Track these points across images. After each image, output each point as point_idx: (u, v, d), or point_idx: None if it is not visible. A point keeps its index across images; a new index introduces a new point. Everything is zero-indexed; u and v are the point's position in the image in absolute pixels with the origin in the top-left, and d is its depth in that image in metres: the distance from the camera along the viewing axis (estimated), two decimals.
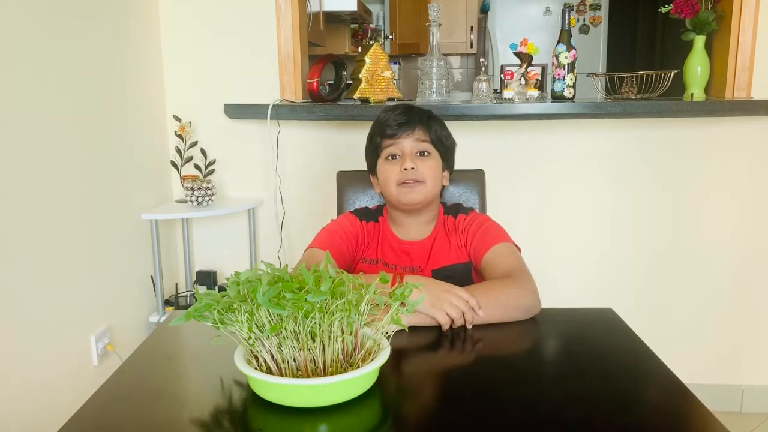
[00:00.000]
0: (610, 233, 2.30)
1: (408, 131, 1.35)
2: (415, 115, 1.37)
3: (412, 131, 1.35)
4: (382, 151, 1.38)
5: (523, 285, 1.18)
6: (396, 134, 1.35)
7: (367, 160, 1.46)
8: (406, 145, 1.35)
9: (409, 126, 1.35)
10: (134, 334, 2.10)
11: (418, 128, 1.36)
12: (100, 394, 0.88)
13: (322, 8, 3.18)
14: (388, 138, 1.36)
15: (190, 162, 2.32)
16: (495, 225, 1.38)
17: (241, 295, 0.82)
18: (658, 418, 0.82)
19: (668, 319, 2.32)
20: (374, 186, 1.47)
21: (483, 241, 1.33)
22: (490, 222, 1.39)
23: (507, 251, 1.31)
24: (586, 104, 2.08)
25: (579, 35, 4.10)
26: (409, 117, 1.36)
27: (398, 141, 1.35)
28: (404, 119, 1.35)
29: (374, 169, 1.43)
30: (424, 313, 1.07)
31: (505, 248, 1.31)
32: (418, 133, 1.36)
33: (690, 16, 2.09)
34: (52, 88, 1.67)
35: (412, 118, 1.36)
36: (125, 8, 2.06)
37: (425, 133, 1.36)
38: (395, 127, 1.35)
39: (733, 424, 1.87)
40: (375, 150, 1.40)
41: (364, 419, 0.81)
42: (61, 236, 1.71)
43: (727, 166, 2.22)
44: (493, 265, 1.29)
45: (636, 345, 1.03)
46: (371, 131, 1.42)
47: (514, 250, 1.32)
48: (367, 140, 1.44)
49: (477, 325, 1.10)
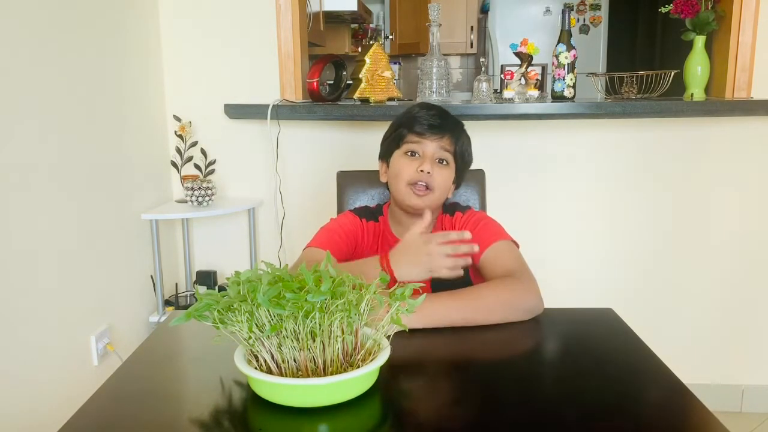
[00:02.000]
0: (610, 233, 2.30)
1: (437, 135, 1.33)
2: (449, 123, 1.36)
3: (441, 137, 1.33)
4: (404, 144, 1.36)
5: (526, 285, 1.17)
6: (424, 134, 1.33)
7: (382, 146, 1.43)
8: (430, 147, 1.33)
9: (440, 130, 1.33)
10: (134, 334, 2.10)
11: (447, 136, 1.34)
12: (100, 394, 0.88)
13: (322, 8, 3.18)
14: (415, 134, 1.34)
15: (190, 162, 2.32)
16: (493, 222, 1.37)
17: (241, 295, 0.82)
18: (658, 418, 0.82)
19: (668, 319, 2.32)
20: (381, 173, 1.44)
21: (481, 239, 1.31)
22: (488, 219, 1.38)
23: (506, 249, 1.30)
24: (586, 104, 2.08)
25: (579, 35, 4.09)
26: (443, 121, 1.34)
27: (424, 141, 1.33)
28: (437, 122, 1.33)
29: (388, 157, 1.40)
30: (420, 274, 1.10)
31: (504, 246, 1.30)
32: (446, 140, 1.34)
33: (690, 16, 2.10)
34: (52, 87, 1.67)
35: (445, 124, 1.34)
36: (125, 8, 2.06)
37: (452, 143, 1.35)
38: (426, 127, 1.33)
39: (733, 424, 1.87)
40: (397, 140, 1.38)
41: (364, 419, 0.81)
42: (61, 236, 1.71)
43: (727, 166, 2.22)
44: (493, 263, 1.27)
45: (636, 345, 1.03)
46: (398, 120, 1.40)
47: (513, 248, 1.31)
48: (390, 127, 1.41)
49: (477, 326, 1.10)
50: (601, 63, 4.12)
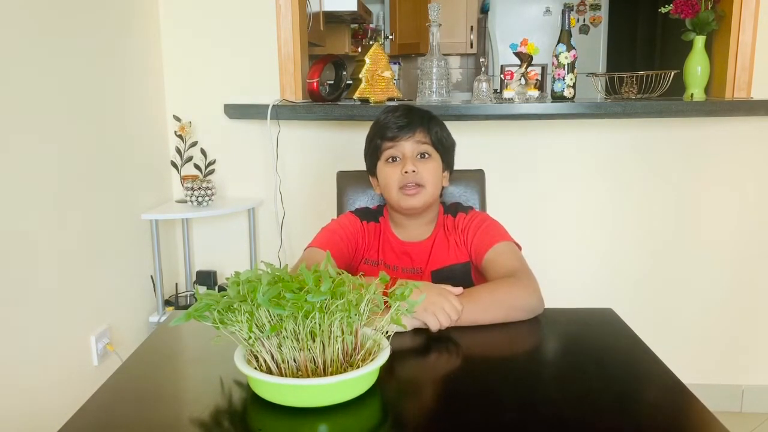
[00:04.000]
0: (610, 233, 2.30)
1: (408, 133, 1.34)
2: (415, 117, 1.36)
3: (412, 133, 1.34)
4: (383, 153, 1.37)
5: (527, 285, 1.18)
6: (396, 136, 1.34)
7: (366, 162, 1.45)
8: (406, 147, 1.34)
9: (409, 128, 1.34)
10: (134, 334, 2.10)
11: (419, 130, 1.35)
12: (100, 394, 0.88)
13: (322, 8, 3.18)
14: (388, 140, 1.35)
15: (190, 162, 2.32)
16: (495, 223, 1.38)
17: (241, 295, 0.82)
18: (658, 418, 0.82)
19: (668, 319, 2.32)
20: (374, 187, 1.46)
21: (483, 241, 1.33)
22: (491, 221, 1.39)
23: (508, 250, 1.31)
24: (586, 104, 2.08)
25: (579, 35, 4.09)
26: (410, 119, 1.35)
27: (398, 143, 1.34)
28: (405, 121, 1.35)
29: (374, 171, 1.42)
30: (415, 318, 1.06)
31: (506, 247, 1.31)
32: (419, 135, 1.35)
33: (690, 16, 2.09)
34: (52, 88, 1.67)
35: (413, 120, 1.35)
36: (126, 8, 2.06)
37: (425, 135, 1.36)
38: (396, 130, 1.34)
39: (733, 424, 1.87)
40: (375, 152, 1.39)
41: (364, 419, 0.81)
42: (61, 236, 1.71)
43: (727, 166, 2.22)
44: (495, 264, 1.28)
45: (636, 345, 1.03)
46: (371, 133, 1.41)
47: (515, 250, 1.32)
48: (366, 141, 1.43)
49: (478, 326, 1.10)
50: (601, 63, 4.12)
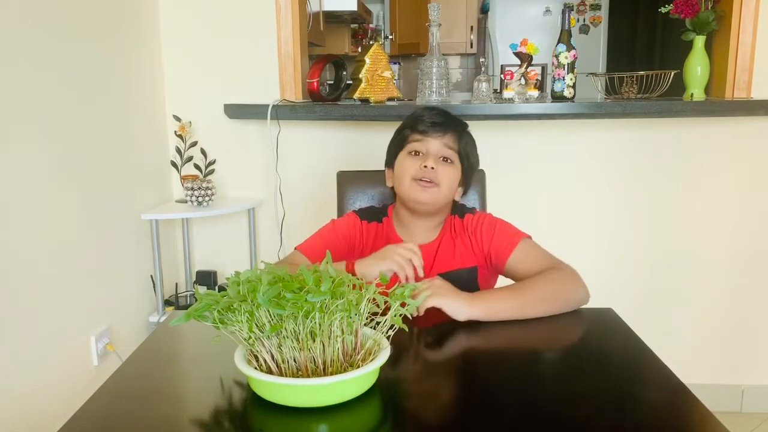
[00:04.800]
0: (610, 233, 2.30)
1: (440, 133, 1.33)
2: (451, 121, 1.36)
3: (443, 134, 1.33)
4: (408, 144, 1.36)
5: (573, 276, 1.21)
6: (427, 132, 1.33)
7: (388, 153, 1.43)
8: (433, 145, 1.33)
9: (442, 128, 1.33)
10: (134, 334, 2.10)
11: (450, 133, 1.34)
12: (100, 394, 0.88)
13: (322, 8, 3.18)
14: (418, 133, 1.34)
15: (190, 162, 2.32)
16: (506, 224, 1.37)
17: (241, 295, 0.82)
18: (658, 418, 0.82)
19: (668, 319, 2.32)
20: (387, 179, 1.44)
21: (502, 243, 1.32)
22: (500, 221, 1.38)
23: (532, 247, 1.32)
24: (586, 104, 2.08)
25: (579, 35, 4.10)
26: (445, 120, 1.35)
27: (427, 139, 1.33)
28: (440, 120, 1.34)
29: (392, 162, 1.40)
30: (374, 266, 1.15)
31: (528, 244, 1.32)
32: (449, 138, 1.34)
33: (690, 16, 2.09)
34: (52, 88, 1.67)
35: (448, 122, 1.35)
36: (125, 8, 2.06)
37: (455, 141, 1.35)
38: (429, 125, 1.33)
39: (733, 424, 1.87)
40: (401, 142, 1.38)
41: (364, 419, 0.81)
42: (61, 236, 1.71)
43: (727, 166, 2.22)
44: (524, 263, 1.29)
45: (636, 345, 1.03)
46: (402, 124, 1.40)
47: (536, 245, 1.33)
48: (395, 132, 1.42)
49: (476, 326, 1.09)
50: (601, 63, 4.12)
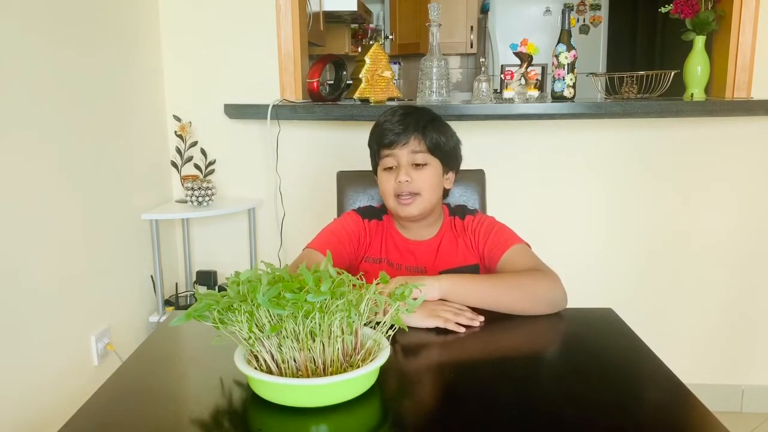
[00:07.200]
0: (610, 233, 2.30)
1: (403, 141, 1.32)
2: (411, 124, 1.33)
3: (407, 142, 1.33)
4: (380, 160, 1.37)
5: (552, 280, 1.21)
6: (392, 143, 1.33)
7: (371, 162, 1.45)
8: (401, 156, 1.33)
9: (404, 135, 1.32)
10: (134, 334, 2.10)
11: (413, 138, 1.33)
12: (100, 394, 0.88)
13: (322, 8, 3.18)
14: (384, 147, 1.35)
15: (190, 162, 2.32)
16: (504, 227, 1.39)
17: (241, 295, 0.82)
18: (658, 418, 0.82)
19: (668, 319, 2.32)
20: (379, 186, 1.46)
21: (496, 245, 1.34)
22: (499, 224, 1.39)
23: (523, 252, 1.32)
24: (586, 104, 2.08)
25: (579, 35, 4.10)
26: (405, 125, 1.33)
27: (394, 151, 1.34)
28: (400, 128, 1.33)
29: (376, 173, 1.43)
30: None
31: (520, 249, 1.33)
32: (414, 143, 1.33)
33: (690, 16, 2.09)
34: (52, 88, 1.67)
35: (408, 128, 1.33)
36: (125, 8, 2.06)
37: (420, 142, 1.33)
38: (391, 136, 1.33)
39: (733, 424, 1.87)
40: (374, 157, 1.41)
41: (364, 419, 0.81)
42: (61, 236, 1.71)
43: (726, 166, 2.22)
44: (512, 266, 1.29)
45: (636, 345, 1.03)
46: (371, 134, 1.41)
47: (529, 251, 1.33)
48: (368, 141, 1.43)
49: (477, 326, 1.10)
50: (601, 63, 4.12)
